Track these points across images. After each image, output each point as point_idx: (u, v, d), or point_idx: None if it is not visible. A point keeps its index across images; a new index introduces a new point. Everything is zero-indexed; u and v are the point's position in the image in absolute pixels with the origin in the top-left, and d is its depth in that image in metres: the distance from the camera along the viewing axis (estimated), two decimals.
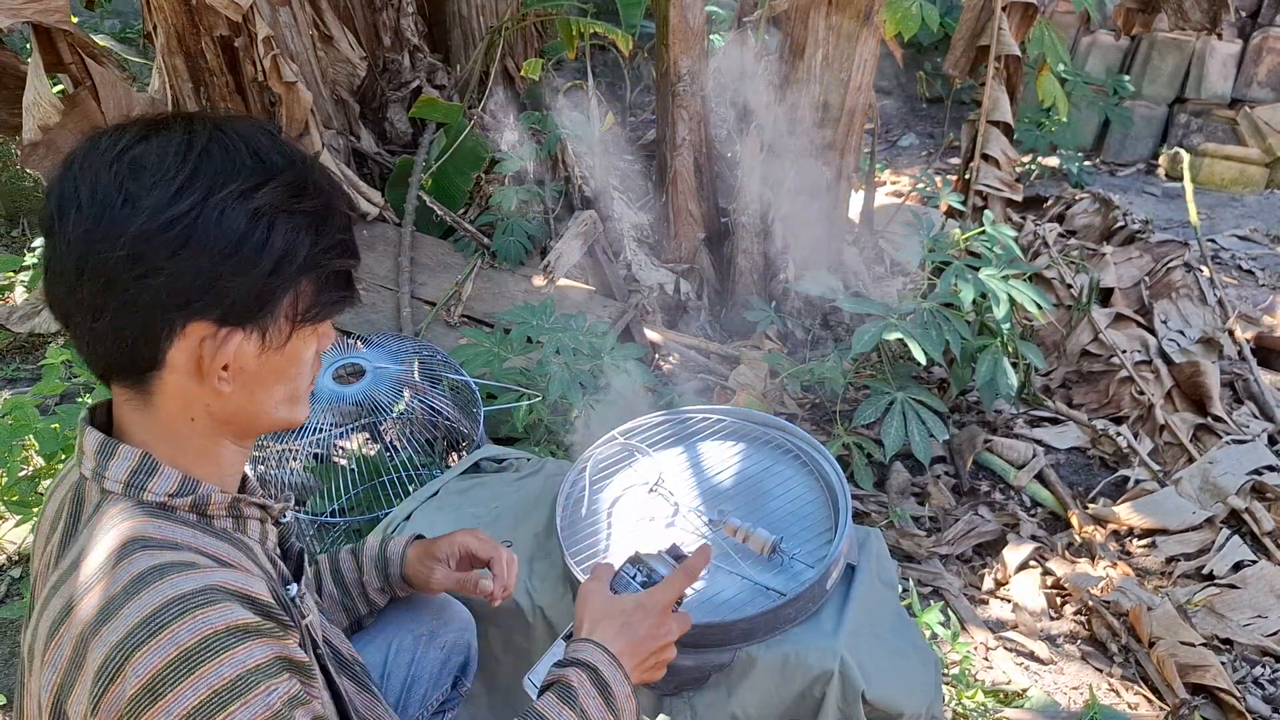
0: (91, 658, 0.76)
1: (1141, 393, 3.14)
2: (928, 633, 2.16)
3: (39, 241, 3.92)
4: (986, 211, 3.23)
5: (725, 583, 1.46)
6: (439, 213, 3.63)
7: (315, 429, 2.22)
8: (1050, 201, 4.61)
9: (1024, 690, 2.15)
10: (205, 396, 0.87)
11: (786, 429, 1.77)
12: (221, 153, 0.82)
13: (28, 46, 3.72)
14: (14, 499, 2.23)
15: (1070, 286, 3.51)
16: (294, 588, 0.97)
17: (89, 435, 0.88)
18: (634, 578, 1.17)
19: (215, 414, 0.89)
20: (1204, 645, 2.23)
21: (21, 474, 2.32)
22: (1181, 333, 3.37)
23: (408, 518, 1.72)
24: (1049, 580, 2.55)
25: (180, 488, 0.87)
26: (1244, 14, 6.02)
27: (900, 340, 2.66)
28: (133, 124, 0.85)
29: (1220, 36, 3.72)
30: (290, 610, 0.90)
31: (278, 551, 1.01)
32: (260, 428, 0.94)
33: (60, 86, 3.08)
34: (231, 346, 0.85)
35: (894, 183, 5.65)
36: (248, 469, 1.01)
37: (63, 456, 2.22)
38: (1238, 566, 2.48)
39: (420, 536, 1.38)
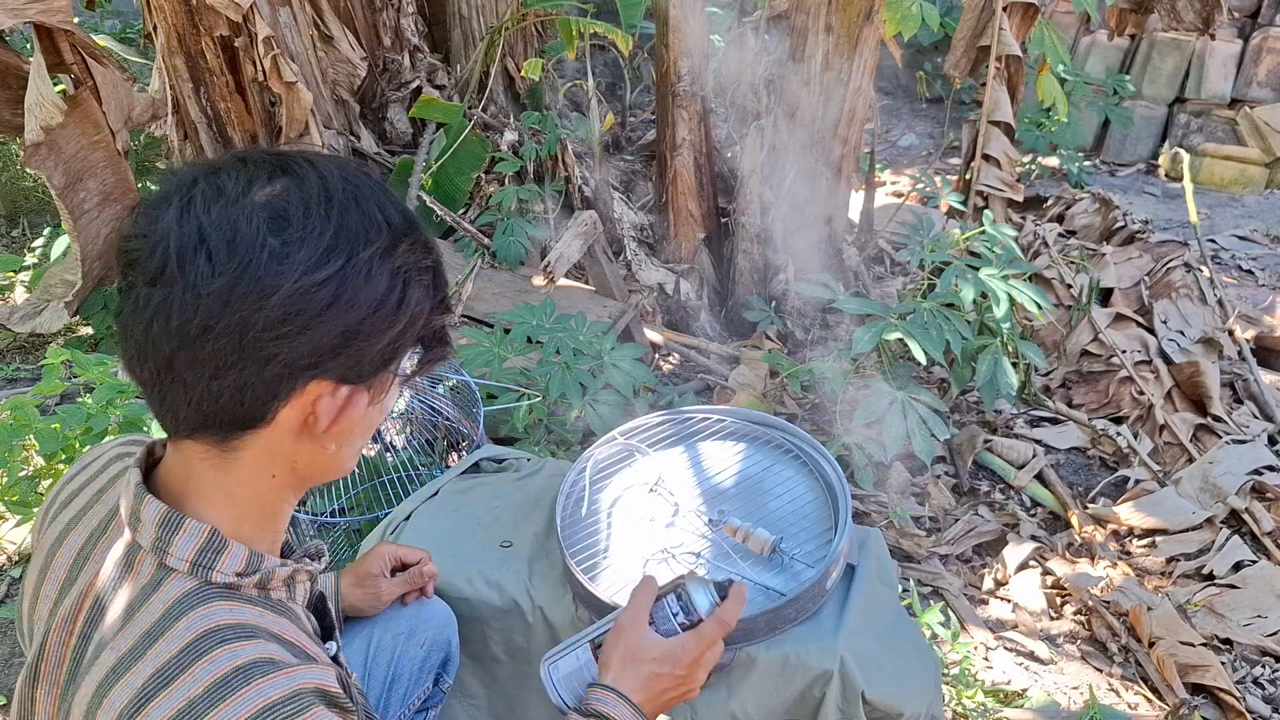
0: None
1: (1141, 393, 3.14)
2: (928, 633, 2.16)
3: (39, 241, 3.92)
4: (986, 211, 3.23)
5: None
6: (439, 213, 3.63)
7: None
8: (1050, 201, 4.61)
9: (1024, 690, 2.16)
10: (298, 453, 0.84)
11: (786, 429, 1.77)
12: (357, 208, 0.80)
13: (28, 46, 3.72)
14: (14, 499, 2.23)
15: (1070, 286, 3.51)
16: (332, 646, 0.96)
17: (149, 506, 0.82)
18: (675, 615, 1.13)
19: (299, 470, 0.86)
20: (1204, 645, 2.23)
21: (22, 474, 2.32)
22: (1181, 333, 3.38)
23: (408, 518, 1.72)
24: (1049, 580, 2.55)
25: (247, 566, 0.83)
26: (1243, 14, 6.02)
27: (900, 340, 2.67)
28: (253, 160, 0.80)
29: (1214, 37, 3.73)
30: (347, 688, 0.87)
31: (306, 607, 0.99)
32: (328, 479, 0.92)
33: (61, 87, 3.08)
34: (349, 407, 0.82)
35: (894, 183, 5.65)
36: None
37: (63, 457, 2.22)
38: (1238, 566, 2.48)
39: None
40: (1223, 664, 2.20)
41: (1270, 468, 2.79)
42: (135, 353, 0.78)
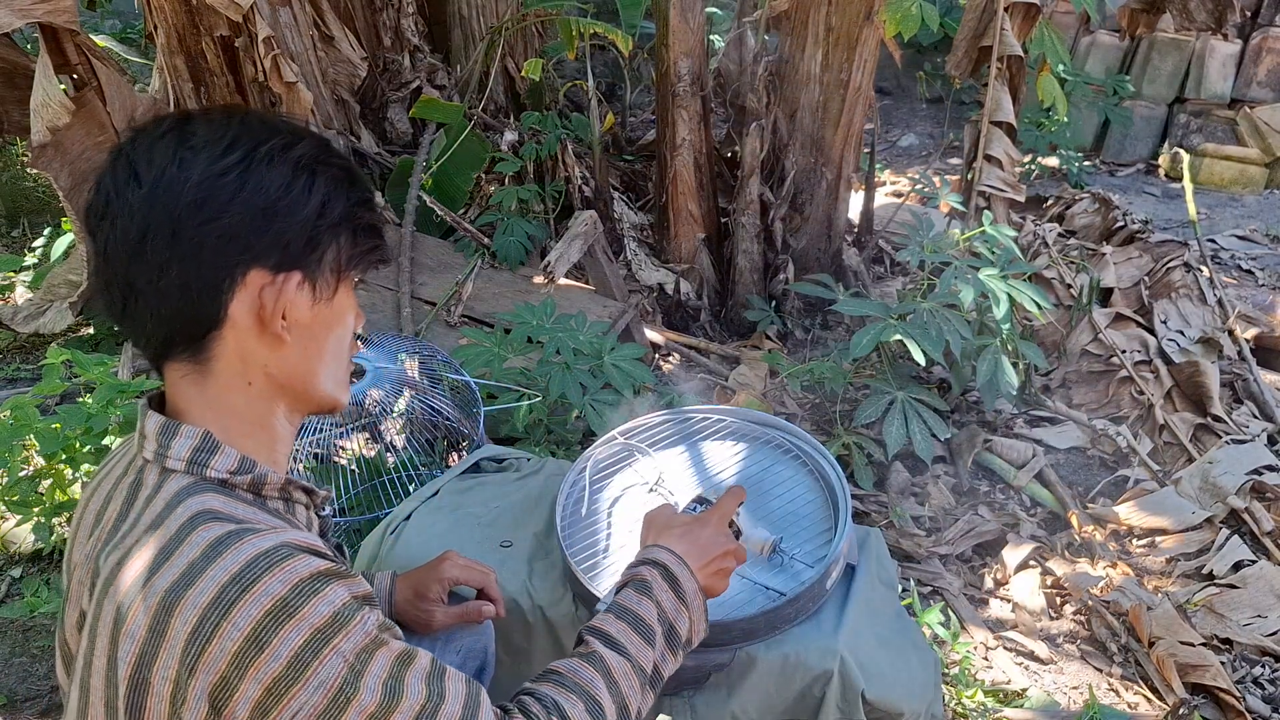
0: (179, 622, 0.79)
1: (1141, 393, 3.14)
2: (928, 633, 2.16)
3: (39, 241, 3.92)
4: (986, 212, 3.23)
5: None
6: (439, 213, 3.63)
7: (315, 429, 2.22)
8: (1050, 201, 4.61)
9: (1024, 690, 2.16)
10: (264, 354, 0.93)
11: (786, 429, 1.77)
12: (257, 120, 0.93)
13: (28, 47, 3.72)
14: (14, 499, 2.23)
15: (1070, 286, 3.51)
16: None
17: (150, 419, 0.92)
18: (694, 510, 1.37)
19: (274, 375, 0.94)
20: (1204, 645, 2.23)
21: (22, 474, 2.33)
22: (1181, 333, 3.38)
23: (408, 518, 1.72)
24: (1049, 580, 2.55)
25: (240, 465, 0.91)
26: (1244, 15, 6.02)
27: (900, 340, 2.67)
28: (171, 114, 0.94)
29: (1226, 36, 3.73)
30: (343, 562, 0.94)
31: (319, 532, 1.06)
32: (312, 398, 0.99)
33: (62, 87, 3.08)
34: (290, 291, 0.91)
35: (894, 183, 5.65)
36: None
37: (63, 457, 2.23)
38: (1237, 566, 2.48)
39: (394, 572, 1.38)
40: (1222, 664, 2.20)
41: (1270, 468, 2.79)
42: (103, 285, 0.91)
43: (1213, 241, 4.77)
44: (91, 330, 3.49)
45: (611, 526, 1.62)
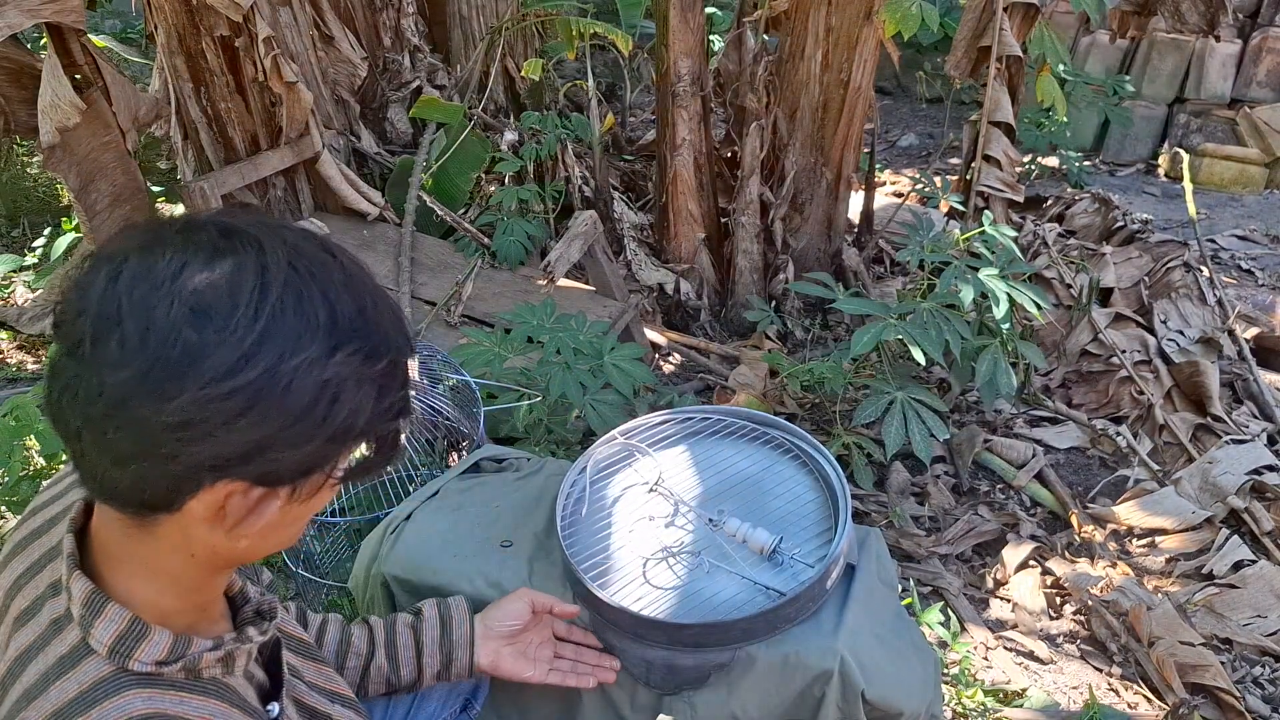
0: None
1: (1141, 393, 3.14)
2: (928, 633, 2.16)
3: (39, 241, 3.92)
4: (986, 212, 3.23)
5: (725, 582, 1.47)
6: (439, 213, 3.63)
7: None
8: (1050, 201, 4.61)
9: (1024, 690, 2.16)
10: (214, 539, 0.79)
11: (786, 428, 1.77)
12: (296, 307, 0.71)
13: (30, 46, 3.72)
14: (14, 499, 2.23)
15: (1070, 286, 3.51)
16: (274, 708, 0.91)
17: (77, 581, 0.79)
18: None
19: (220, 554, 0.82)
20: (1203, 645, 2.23)
21: (22, 474, 2.33)
22: (1181, 333, 3.38)
23: (408, 517, 1.72)
24: (1049, 580, 2.55)
25: (170, 653, 0.79)
26: (1243, 14, 6.02)
27: (900, 340, 2.67)
28: (198, 234, 0.73)
29: (1218, 39, 3.73)
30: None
31: (258, 660, 0.94)
32: (262, 558, 0.90)
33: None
34: (263, 508, 0.78)
35: (894, 183, 5.65)
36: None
37: (63, 457, 2.23)
38: (1237, 566, 2.49)
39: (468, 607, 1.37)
40: (1222, 664, 2.20)
41: (1270, 468, 2.80)
42: (52, 412, 0.74)
43: (1212, 241, 4.77)
44: None
45: (612, 526, 1.62)
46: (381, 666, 1.28)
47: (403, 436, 0.86)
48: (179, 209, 4.17)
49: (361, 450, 0.82)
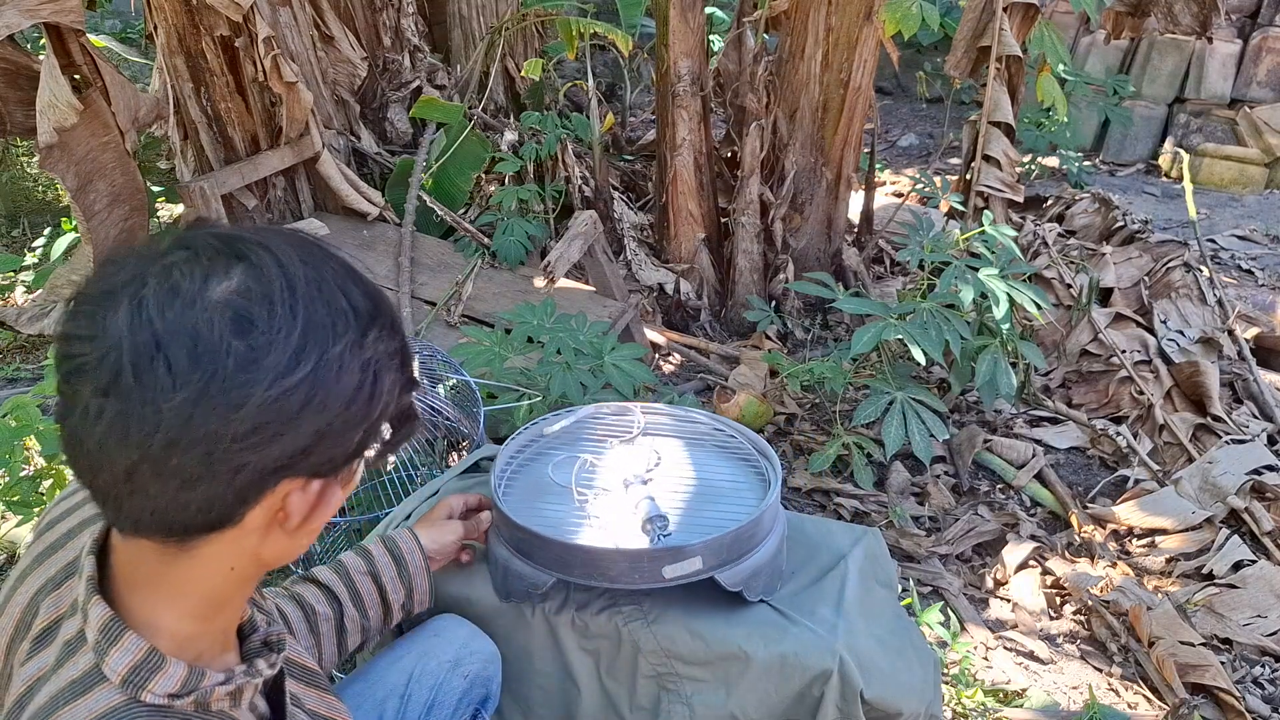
0: None
1: (1141, 393, 3.14)
2: (928, 633, 2.16)
3: (39, 241, 3.92)
4: (986, 212, 3.23)
5: (593, 532, 1.48)
6: (439, 213, 3.63)
7: None
8: (1050, 201, 4.61)
9: (1024, 690, 2.16)
10: (263, 546, 0.80)
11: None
12: (321, 299, 0.74)
13: (28, 46, 3.72)
14: (15, 499, 2.23)
15: (1070, 286, 3.51)
16: None
17: (95, 606, 0.79)
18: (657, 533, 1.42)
19: (262, 559, 0.83)
20: (1204, 645, 2.23)
21: (23, 474, 2.33)
22: (1181, 333, 3.38)
23: (408, 517, 1.72)
24: (1049, 580, 2.55)
25: (183, 687, 0.79)
26: (1243, 14, 6.02)
27: (900, 340, 2.67)
28: (203, 247, 0.73)
29: (1211, 40, 3.74)
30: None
31: (261, 690, 0.94)
32: (287, 563, 0.90)
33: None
34: (327, 497, 0.80)
35: (894, 183, 5.65)
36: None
37: (63, 457, 2.22)
38: (1237, 566, 2.48)
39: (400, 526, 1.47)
40: (1222, 664, 2.20)
41: (1270, 468, 2.80)
42: (87, 464, 0.73)
43: (1212, 241, 4.77)
44: None
45: (552, 474, 1.62)
46: (354, 618, 1.34)
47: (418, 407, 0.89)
48: (179, 209, 4.18)
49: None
